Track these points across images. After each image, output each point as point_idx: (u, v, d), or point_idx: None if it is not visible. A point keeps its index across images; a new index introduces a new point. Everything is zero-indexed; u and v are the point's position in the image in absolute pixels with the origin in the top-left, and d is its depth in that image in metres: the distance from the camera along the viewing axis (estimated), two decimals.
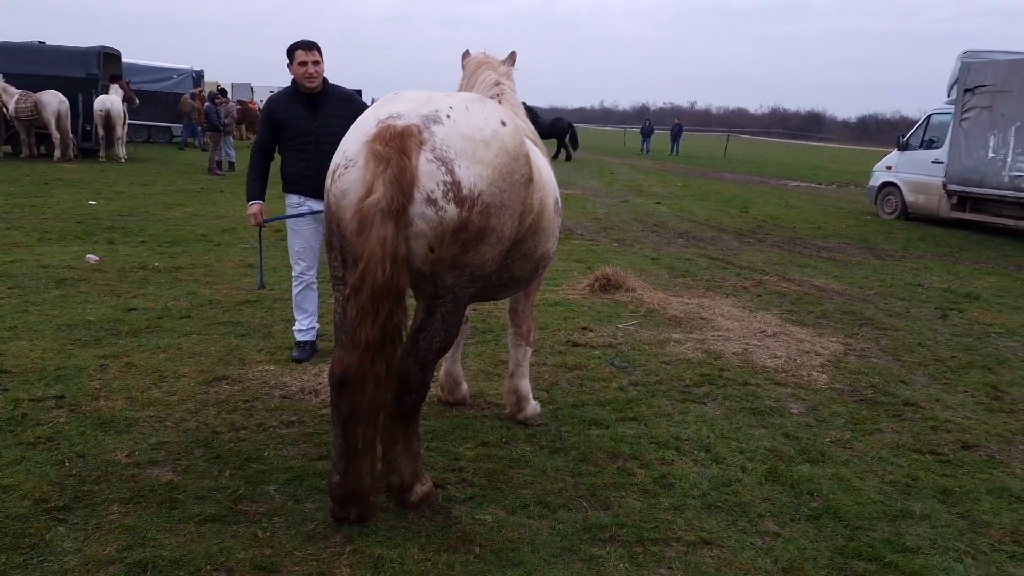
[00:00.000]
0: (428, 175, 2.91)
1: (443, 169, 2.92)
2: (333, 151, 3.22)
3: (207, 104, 18.41)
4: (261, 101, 42.50)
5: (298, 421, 4.23)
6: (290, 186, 5.28)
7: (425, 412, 4.35)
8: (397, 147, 2.88)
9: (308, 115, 5.13)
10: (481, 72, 4.25)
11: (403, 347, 3.05)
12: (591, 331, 6.26)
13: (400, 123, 2.97)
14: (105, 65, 20.30)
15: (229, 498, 3.39)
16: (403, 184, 2.85)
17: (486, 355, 5.54)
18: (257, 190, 5.27)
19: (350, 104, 5.17)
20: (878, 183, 16.22)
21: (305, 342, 5.36)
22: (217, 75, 44.94)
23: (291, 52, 5.13)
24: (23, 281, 6.92)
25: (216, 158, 18.19)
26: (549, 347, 5.77)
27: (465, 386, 4.61)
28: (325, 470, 3.67)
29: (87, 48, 20.24)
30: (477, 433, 4.18)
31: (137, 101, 21.00)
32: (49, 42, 21.34)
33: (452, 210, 2.92)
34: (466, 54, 4.43)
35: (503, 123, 3.15)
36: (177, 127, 26.49)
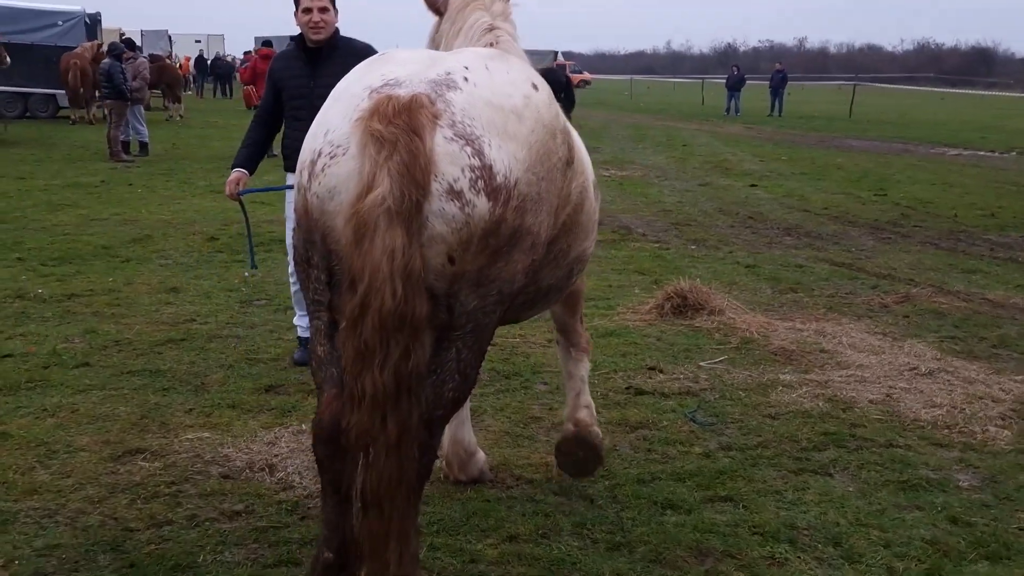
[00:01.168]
0: (449, 158, 2.93)
1: (468, 149, 2.96)
2: None
3: (107, 61, 18.68)
4: (179, 56, 43.48)
5: (245, 511, 4.28)
6: (288, 160, 5.82)
7: (428, 493, 4.39)
8: (404, 124, 2.90)
9: (306, 73, 5.68)
10: (470, 13, 4.25)
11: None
12: (661, 372, 6.27)
13: (403, 92, 3.00)
14: None
15: None
16: (416, 174, 2.87)
17: (511, 409, 5.57)
18: (243, 157, 5.97)
19: (359, 60, 5.10)
20: None
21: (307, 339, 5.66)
22: (120, 20, 45.84)
23: None
24: None
25: (121, 137, 18.48)
26: (601, 396, 5.79)
27: (481, 456, 4.67)
28: None
29: None
30: (502, 523, 4.20)
31: (8, 59, 21.40)
32: None
33: (483, 204, 2.96)
34: None
35: (535, 87, 3.23)
36: (64, 94, 26.93)
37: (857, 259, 10.35)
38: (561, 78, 26.79)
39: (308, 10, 5.67)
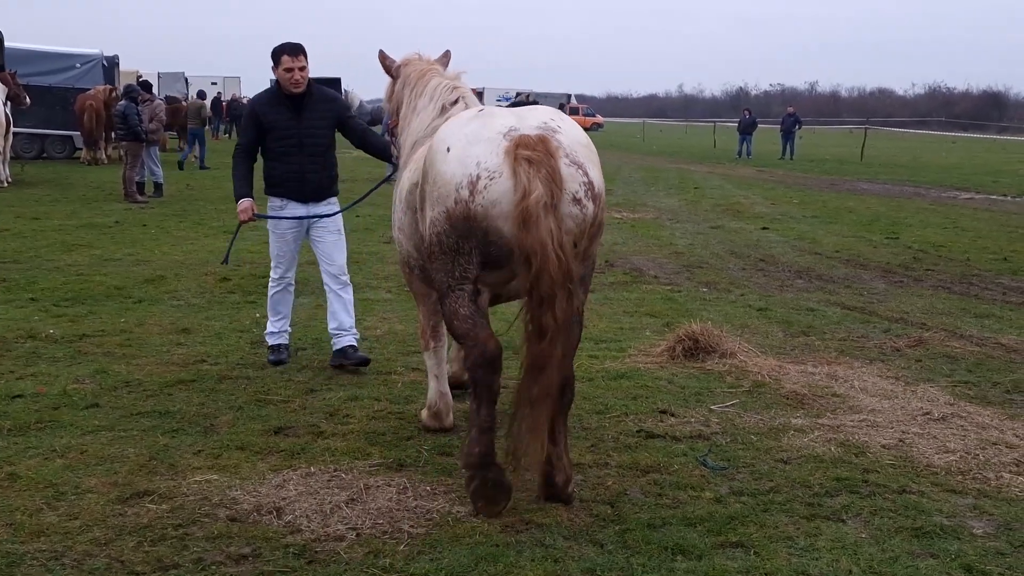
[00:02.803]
0: (571, 177, 4.52)
1: (580, 171, 4.57)
2: (317, 152, 6.98)
3: (122, 103, 18.90)
4: (191, 97, 43.69)
5: (252, 554, 4.26)
6: (273, 188, 7.18)
7: (436, 539, 4.37)
8: (544, 150, 4.44)
9: (292, 117, 6.96)
10: (429, 79, 5.89)
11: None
12: (673, 416, 6.25)
13: (532, 132, 4.54)
14: None
15: None
16: (556, 183, 4.40)
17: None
18: (246, 188, 7.14)
19: (333, 105, 7.22)
20: None
21: (280, 345, 7.36)
22: (137, 63, 46.42)
23: (277, 56, 6.92)
24: None
25: (136, 178, 18.64)
26: (612, 439, 5.77)
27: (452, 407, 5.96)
28: None
29: None
30: (511, 568, 4.17)
31: (28, 100, 21.66)
32: None
33: (591, 207, 4.58)
34: (384, 56, 6.23)
35: (585, 131, 4.85)
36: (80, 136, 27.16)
37: (869, 303, 10.31)
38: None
39: (290, 69, 6.88)
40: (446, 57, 6.24)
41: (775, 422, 6.19)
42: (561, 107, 78.35)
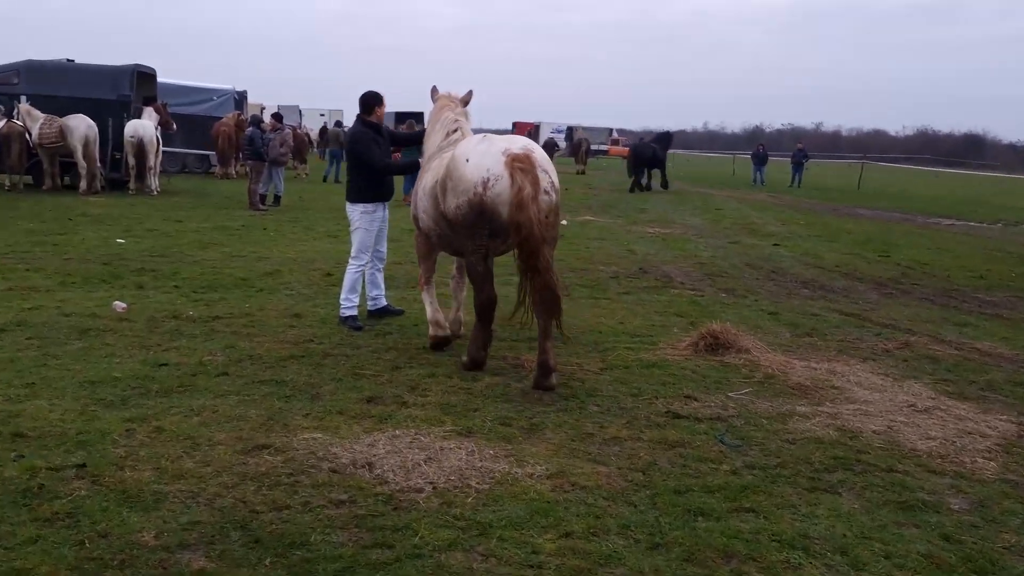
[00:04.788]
0: (543, 179, 6.17)
1: (547, 175, 6.26)
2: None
3: (250, 128, 19.20)
4: (305, 127, 44.24)
5: (349, 500, 4.32)
6: (366, 195, 8.01)
7: (498, 495, 4.39)
8: (528, 163, 6.12)
9: (380, 143, 8.03)
10: (443, 112, 7.32)
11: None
12: (696, 400, 6.21)
13: (520, 151, 6.19)
14: (138, 86, 21.42)
15: None
16: (535, 183, 6.05)
17: (568, 426, 5.55)
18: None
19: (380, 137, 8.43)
20: None
21: (356, 315, 8.05)
22: (261, 96, 46.96)
23: (380, 102, 8.03)
24: (43, 331, 7.33)
25: (260, 190, 18.90)
26: (644, 418, 5.75)
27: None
28: (382, 560, 3.73)
29: (119, 67, 21.43)
30: (560, 521, 4.18)
31: (175, 126, 22.07)
32: (78, 60, 22.74)
33: (554, 196, 6.29)
34: (434, 90, 7.55)
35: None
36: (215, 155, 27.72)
37: (864, 310, 10.13)
38: (649, 153, 26.45)
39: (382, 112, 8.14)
40: (469, 95, 7.51)
41: (782, 408, 6.12)
42: (609, 136, 78.37)
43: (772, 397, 6.39)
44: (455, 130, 7.18)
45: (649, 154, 31.56)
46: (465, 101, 7.53)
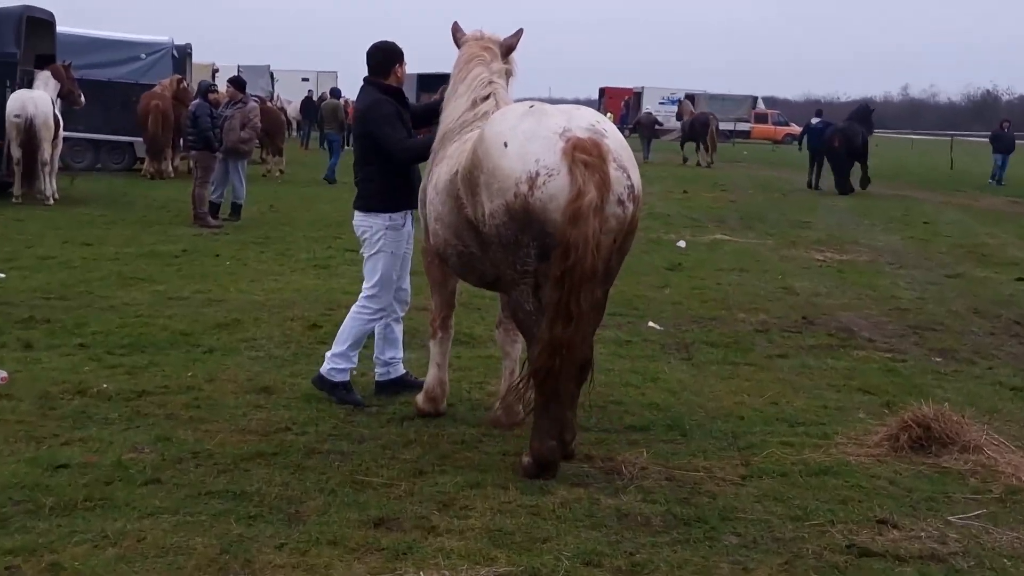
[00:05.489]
0: (617, 181, 6.27)
1: (625, 175, 6.37)
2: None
3: (196, 101, 18.98)
4: (280, 98, 44.64)
5: None
6: (390, 200, 7.97)
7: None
8: (598, 155, 6.14)
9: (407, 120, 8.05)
10: (471, 67, 7.38)
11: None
12: (895, 528, 6.11)
13: (584, 135, 6.22)
14: (29, 38, 21.88)
15: None
16: (605, 186, 6.13)
17: (692, 567, 5.49)
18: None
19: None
20: None
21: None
22: (214, 54, 47.91)
23: (399, 57, 8.08)
24: None
25: (212, 196, 18.94)
26: (813, 556, 5.67)
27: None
28: None
29: (1, 10, 21.93)
30: None
31: (83, 100, 22.40)
32: None
33: (631, 208, 6.41)
34: (457, 29, 7.66)
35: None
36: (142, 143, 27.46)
37: None
38: (860, 139, 26.63)
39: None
40: (515, 38, 7.59)
41: None
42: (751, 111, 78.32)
43: (1019, 524, 6.26)
44: (487, 96, 7.26)
45: (860, 142, 31.91)
46: (508, 48, 7.52)
